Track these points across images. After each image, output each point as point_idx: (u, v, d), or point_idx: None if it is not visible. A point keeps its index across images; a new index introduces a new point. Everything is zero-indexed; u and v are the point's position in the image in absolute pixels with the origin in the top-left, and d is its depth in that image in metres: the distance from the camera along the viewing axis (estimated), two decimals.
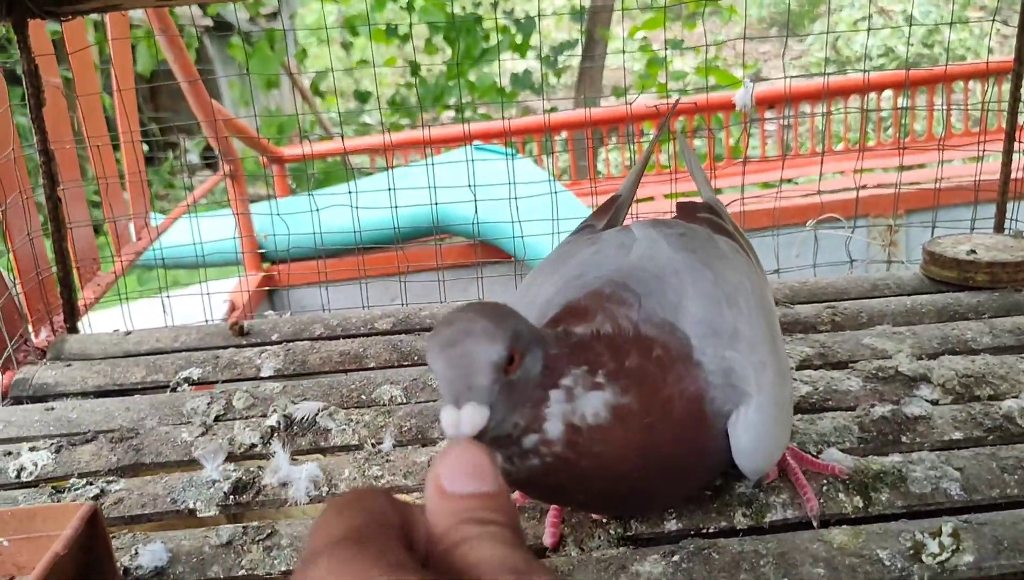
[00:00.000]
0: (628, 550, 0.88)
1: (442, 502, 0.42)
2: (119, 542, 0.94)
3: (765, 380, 0.80)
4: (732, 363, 0.79)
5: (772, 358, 0.82)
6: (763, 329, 0.83)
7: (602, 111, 4.05)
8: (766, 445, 0.80)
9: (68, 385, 1.33)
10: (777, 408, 0.80)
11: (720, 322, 0.80)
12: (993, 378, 1.12)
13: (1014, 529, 0.85)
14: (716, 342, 0.79)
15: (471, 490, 0.42)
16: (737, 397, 0.79)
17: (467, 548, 0.39)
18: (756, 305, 0.85)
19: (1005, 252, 1.44)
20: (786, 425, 0.84)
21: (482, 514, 0.41)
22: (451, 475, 0.42)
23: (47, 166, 1.50)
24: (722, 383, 0.78)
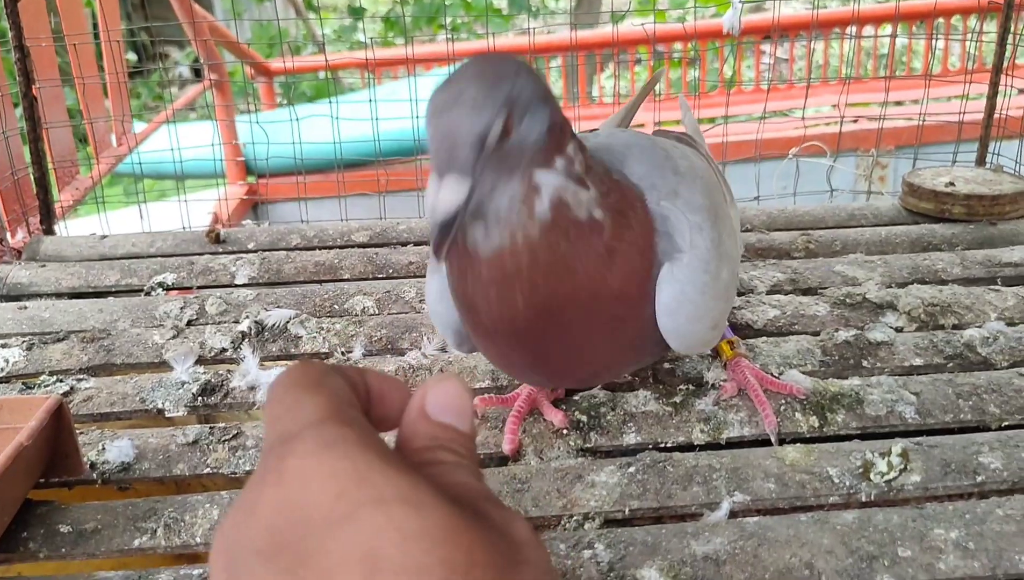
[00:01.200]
0: (586, 460, 0.90)
1: (421, 423, 0.43)
2: (87, 438, 0.96)
3: (699, 239, 0.78)
4: (668, 212, 0.77)
5: (711, 227, 0.79)
6: (705, 203, 0.81)
7: (590, 35, 3.98)
8: (687, 308, 0.77)
9: (42, 285, 1.33)
10: (707, 274, 0.78)
11: (660, 181, 0.79)
12: (959, 307, 1.13)
13: (962, 452, 0.87)
14: (654, 192, 0.77)
15: (451, 422, 0.43)
16: (670, 248, 0.76)
17: (442, 470, 0.41)
18: (704, 185, 0.83)
19: (983, 185, 1.44)
20: (715, 299, 0.80)
21: (458, 447, 0.42)
22: (436, 403, 0.43)
23: (22, 63, 1.48)
24: (661, 230, 0.76)
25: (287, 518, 0.35)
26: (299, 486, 0.35)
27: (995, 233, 1.38)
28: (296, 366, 0.43)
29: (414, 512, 0.34)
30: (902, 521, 0.79)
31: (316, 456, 0.36)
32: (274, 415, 0.40)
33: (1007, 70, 1.59)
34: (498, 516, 0.39)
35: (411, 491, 0.35)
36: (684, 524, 0.81)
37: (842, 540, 0.77)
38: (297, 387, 0.41)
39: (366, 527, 0.34)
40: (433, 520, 0.34)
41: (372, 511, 0.34)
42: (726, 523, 0.81)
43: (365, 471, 0.35)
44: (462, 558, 0.34)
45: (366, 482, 0.35)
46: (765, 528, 0.79)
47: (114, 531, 0.83)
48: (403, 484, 0.35)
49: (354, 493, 0.35)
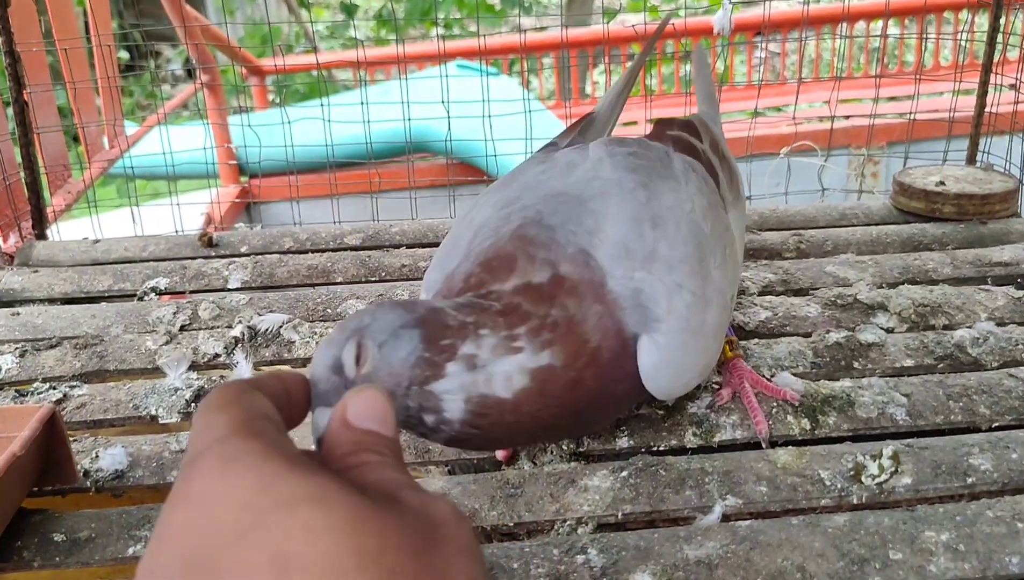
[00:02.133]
0: (579, 465, 0.90)
1: (344, 430, 0.44)
2: (80, 445, 0.96)
3: (678, 302, 0.78)
4: (641, 284, 0.77)
5: (691, 280, 0.80)
6: (688, 250, 0.81)
7: (581, 32, 3.98)
8: (667, 371, 0.78)
9: (34, 291, 1.33)
10: (687, 333, 0.79)
11: (637, 243, 0.79)
12: (949, 308, 1.14)
13: (953, 454, 0.87)
14: (628, 263, 0.77)
15: (372, 428, 0.44)
16: (645, 320, 0.77)
17: (366, 470, 0.41)
18: (688, 228, 0.83)
19: (974, 184, 1.45)
20: (700, 350, 0.81)
21: (381, 449, 0.43)
22: (357, 411, 0.44)
23: (13, 68, 1.48)
24: (631, 306, 0.76)
25: (196, 539, 0.35)
26: (204, 505, 0.35)
27: (985, 232, 1.39)
28: (216, 388, 0.44)
29: (320, 508, 0.34)
30: (893, 523, 0.79)
31: (219, 472, 0.36)
32: (190, 439, 0.40)
33: (997, 67, 1.60)
34: (415, 500, 0.39)
35: (316, 489, 0.35)
36: (677, 528, 0.82)
37: (833, 543, 0.77)
38: (210, 409, 0.41)
39: (273, 531, 0.34)
40: (340, 512, 0.34)
41: (277, 514, 0.34)
42: (718, 527, 0.81)
43: (269, 478, 0.36)
44: (373, 544, 0.34)
45: (270, 488, 0.35)
46: (757, 532, 0.79)
47: (108, 539, 0.83)
48: (308, 484, 0.35)
49: (258, 501, 0.35)
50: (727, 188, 0.98)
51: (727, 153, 1.04)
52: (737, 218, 0.98)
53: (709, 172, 0.95)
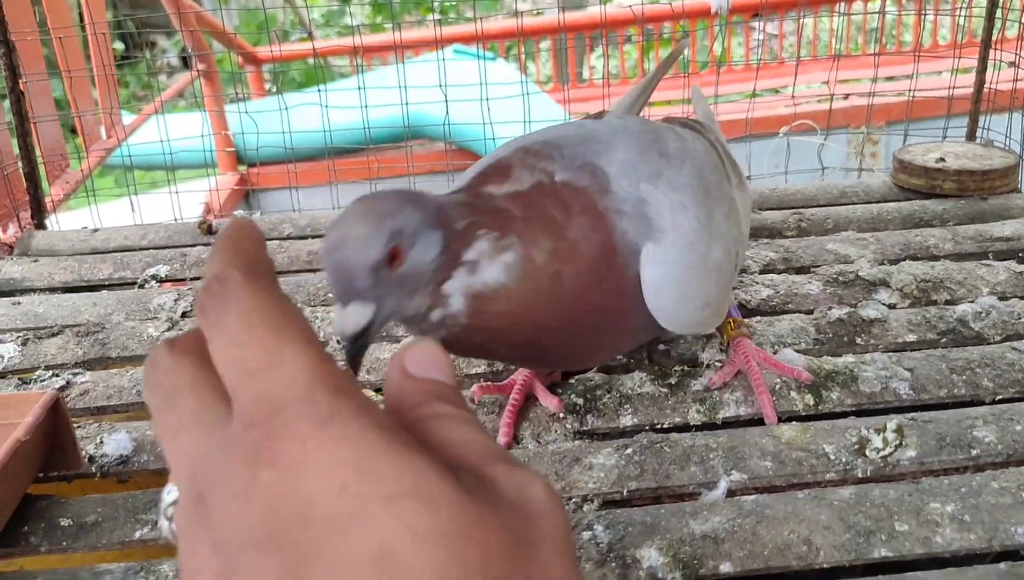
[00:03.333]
0: (583, 443, 0.90)
1: (406, 382, 0.41)
2: (84, 431, 0.96)
3: (683, 220, 0.78)
4: (646, 194, 0.77)
5: (697, 206, 0.80)
6: (693, 183, 0.81)
7: (579, 16, 3.96)
8: (672, 288, 0.77)
9: (35, 280, 1.33)
10: (692, 252, 0.78)
11: (642, 164, 0.79)
12: (951, 283, 1.14)
13: (957, 426, 0.87)
14: (633, 177, 0.77)
15: (435, 377, 0.41)
16: (649, 231, 0.76)
17: (442, 424, 0.38)
18: (693, 166, 0.83)
19: (974, 160, 1.45)
20: (705, 279, 0.80)
21: (450, 397, 0.40)
22: (416, 362, 0.41)
23: (8, 58, 1.47)
24: (632, 212, 0.76)
25: (286, 510, 0.32)
26: (297, 474, 0.33)
27: (986, 208, 1.39)
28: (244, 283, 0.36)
29: (425, 510, 0.32)
30: (898, 496, 0.79)
31: (314, 438, 0.33)
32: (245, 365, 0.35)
33: (996, 43, 1.59)
34: (511, 483, 0.36)
35: (419, 481, 0.33)
36: (682, 504, 0.82)
37: (839, 516, 0.77)
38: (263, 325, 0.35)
39: (376, 527, 0.32)
40: (445, 516, 0.32)
41: (381, 509, 0.32)
42: (724, 502, 0.81)
43: (367, 455, 0.33)
44: (477, 554, 0.32)
45: (370, 473, 0.33)
46: (763, 506, 0.79)
47: (115, 523, 0.84)
48: (409, 473, 0.33)
49: (358, 486, 0.32)
50: (732, 172, 0.98)
51: (731, 154, 1.04)
52: (741, 200, 0.98)
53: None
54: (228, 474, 0.34)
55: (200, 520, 0.34)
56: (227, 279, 0.36)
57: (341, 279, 0.65)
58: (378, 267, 0.65)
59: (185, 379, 0.37)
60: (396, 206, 0.68)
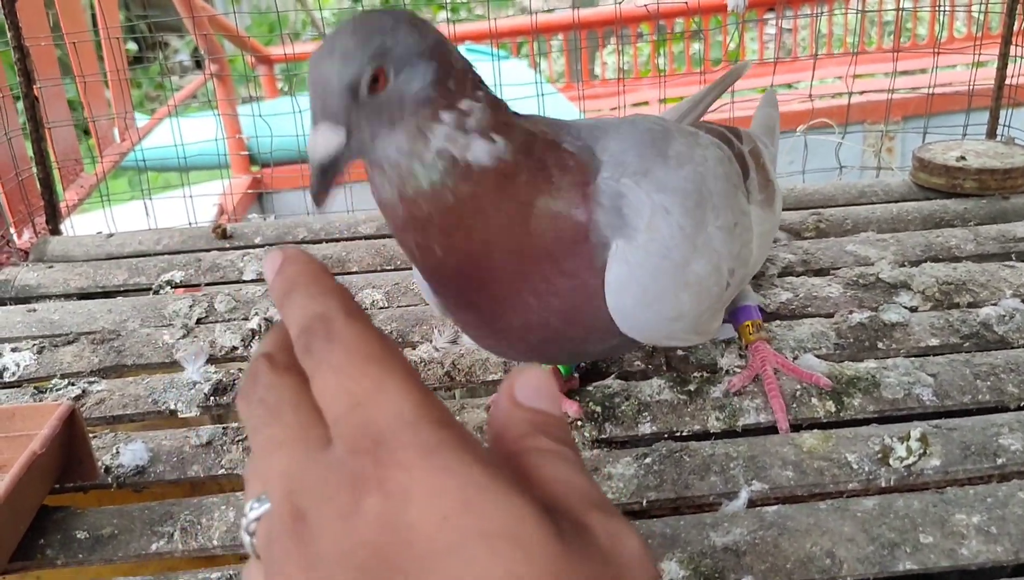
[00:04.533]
0: (602, 452, 0.89)
1: (514, 410, 0.41)
2: (100, 441, 0.96)
3: (662, 223, 0.74)
4: (626, 190, 0.73)
5: (683, 213, 0.75)
6: (686, 188, 0.77)
7: (592, 13, 3.95)
8: (633, 291, 0.73)
9: (50, 287, 1.33)
10: (665, 260, 0.74)
11: (633, 158, 0.75)
12: (973, 285, 1.12)
13: (982, 434, 0.86)
14: (618, 169, 0.74)
15: (543, 407, 0.41)
16: (622, 227, 0.73)
17: (543, 460, 0.39)
18: (693, 172, 0.79)
19: (995, 159, 1.43)
20: (677, 288, 0.76)
21: (557, 432, 0.41)
22: (526, 389, 0.41)
23: (22, 64, 1.47)
24: (608, 205, 0.72)
25: (388, 535, 0.33)
26: (403, 502, 0.33)
27: (1008, 207, 1.37)
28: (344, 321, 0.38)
29: (521, 554, 0.33)
30: (923, 506, 0.78)
31: (420, 468, 0.34)
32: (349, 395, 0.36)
33: (1016, 37, 1.57)
34: (605, 533, 0.36)
35: (517, 523, 0.33)
36: (703, 515, 0.81)
37: (863, 527, 0.76)
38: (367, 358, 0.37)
39: (473, 564, 0.32)
40: (540, 563, 0.33)
41: (478, 546, 0.32)
42: (745, 512, 0.80)
43: (470, 491, 0.34)
44: None
45: (472, 507, 0.33)
46: (785, 517, 0.78)
47: (131, 536, 0.83)
48: (508, 514, 0.33)
49: (459, 519, 0.33)
50: (756, 187, 0.94)
51: (768, 165, 0.99)
52: (762, 218, 0.94)
53: (739, 164, 0.91)
54: (332, 495, 0.35)
55: (297, 537, 0.35)
56: (331, 319, 0.38)
57: (317, 95, 0.62)
58: (355, 86, 0.61)
59: (290, 397, 0.39)
60: (391, 24, 0.63)
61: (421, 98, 0.64)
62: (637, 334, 0.78)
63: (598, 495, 0.38)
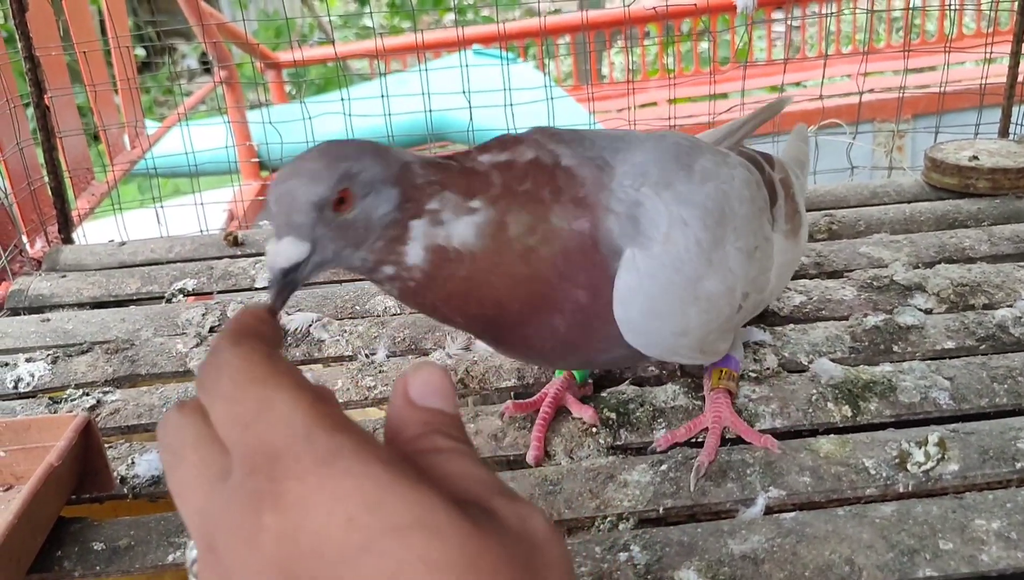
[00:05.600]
0: (617, 459, 0.89)
1: (408, 410, 0.41)
2: (116, 452, 0.96)
3: (678, 235, 0.73)
4: (643, 198, 0.72)
5: (702, 228, 0.74)
6: (708, 205, 0.76)
7: (600, 14, 3.94)
8: (641, 301, 0.73)
9: (64, 296, 1.33)
10: (678, 273, 0.73)
11: (655, 170, 0.74)
12: (989, 287, 1.11)
13: (1000, 438, 0.85)
14: (640, 179, 0.73)
15: (437, 406, 0.42)
16: (635, 235, 0.72)
17: (442, 458, 0.39)
18: (716, 191, 0.78)
19: (1008, 158, 1.42)
20: (686, 303, 0.75)
21: (452, 431, 0.41)
22: (420, 388, 0.42)
23: (33, 73, 1.48)
24: (623, 213, 0.72)
25: (296, 549, 0.33)
26: (301, 512, 0.34)
27: (1022, 207, 1.36)
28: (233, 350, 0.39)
29: (434, 540, 0.33)
30: (942, 512, 0.78)
31: (315, 475, 0.34)
32: (239, 420, 0.37)
33: None
34: (513, 514, 0.37)
35: (426, 513, 0.34)
36: (720, 522, 0.80)
37: (882, 534, 0.76)
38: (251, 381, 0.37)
39: (387, 559, 0.32)
40: (454, 545, 0.33)
41: (389, 540, 0.33)
42: (762, 520, 0.80)
43: (372, 490, 0.34)
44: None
45: (377, 505, 0.33)
46: (803, 524, 0.78)
47: (148, 547, 0.83)
48: (416, 505, 0.34)
49: (366, 519, 0.33)
50: (783, 216, 0.92)
51: (798, 196, 0.98)
52: (786, 248, 0.92)
53: (768, 190, 0.90)
54: (234, 522, 0.35)
55: (213, 569, 0.35)
56: (219, 350, 0.39)
57: (282, 211, 0.63)
58: (322, 205, 0.63)
59: (189, 437, 0.39)
60: (356, 152, 0.65)
61: (388, 221, 0.67)
62: (641, 346, 0.77)
63: (499, 483, 0.39)
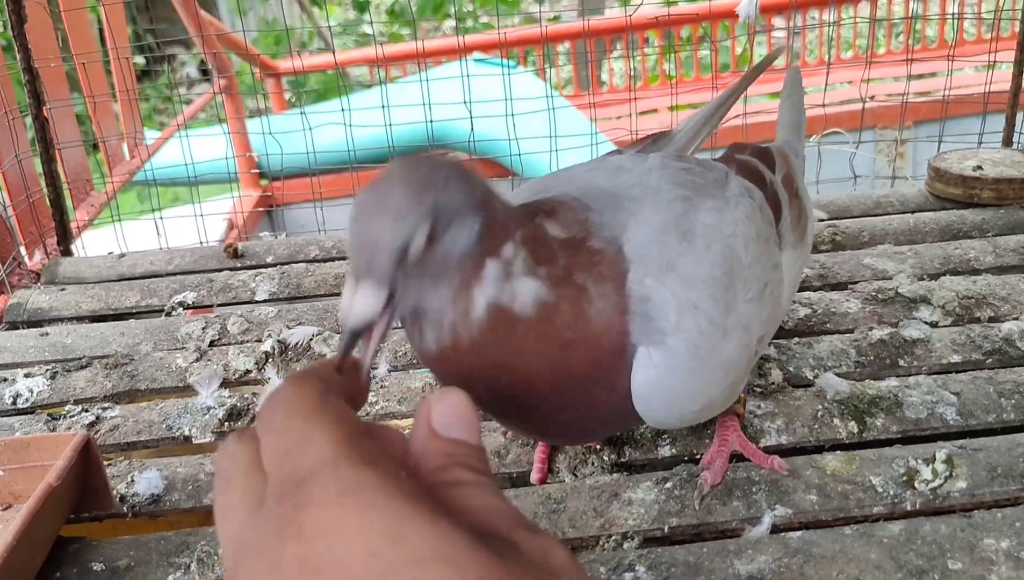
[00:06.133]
0: (621, 476, 0.88)
1: (431, 441, 0.42)
2: (115, 469, 0.95)
3: (689, 322, 0.71)
4: (650, 292, 0.70)
5: (710, 304, 0.72)
6: (715, 274, 0.74)
7: (601, 21, 3.94)
8: (662, 395, 0.71)
9: (62, 309, 1.33)
10: (694, 360, 0.71)
11: (655, 251, 0.72)
12: (994, 299, 1.11)
13: (1008, 455, 0.85)
14: (642, 268, 0.71)
15: (460, 437, 0.42)
16: (649, 331, 0.70)
17: (464, 491, 0.39)
18: (721, 252, 0.75)
19: (1012, 168, 1.41)
20: (706, 382, 0.74)
21: (474, 463, 0.41)
22: (443, 418, 0.42)
23: (32, 85, 1.47)
24: (637, 310, 0.69)
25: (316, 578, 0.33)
26: (324, 542, 0.34)
27: None
28: (291, 387, 0.42)
29: (455, 572, 0.33)
30: (950, 531, 0.77)
31: (339, 507, 0.34)
32: (281, 449, 0.38)
33: None
34: (533, 546, 0.37)
35: (446, 546, 0.33)
36: (726, 541, 0.79)
37: (890, 554, 0.75)
38: (299, 415, 0.39)
39: None
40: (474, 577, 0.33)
41: (410, 572, 0.32)
42: (768, 539, 0.79)
43: (394, 523, 0.34)
44: None
45: (398, 538, 0.33)
46: (809, 543, 0.77)
47: (147, 567, 0.82)
48: (436, 538, 0.34)
49: (387, 552, 0.33)
50: (789, 227, 0.90)
51: (802, 191, 0.96)
52: (794, 259, 0.90)
53: (772, 205, 0.88)
54: (260, 547, 0.35)
55: None
56: (280, 386, 0.42)
57: (363, 253, 0.57)
58: (407, 247, 0.58)
59: (240, 465, 0.40)
60: (443, 178, 0.60)
61: (466, 253, 0.63)
62: (663, 425, 0.79)
63: (520, 516, 0.39)
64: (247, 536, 0.37)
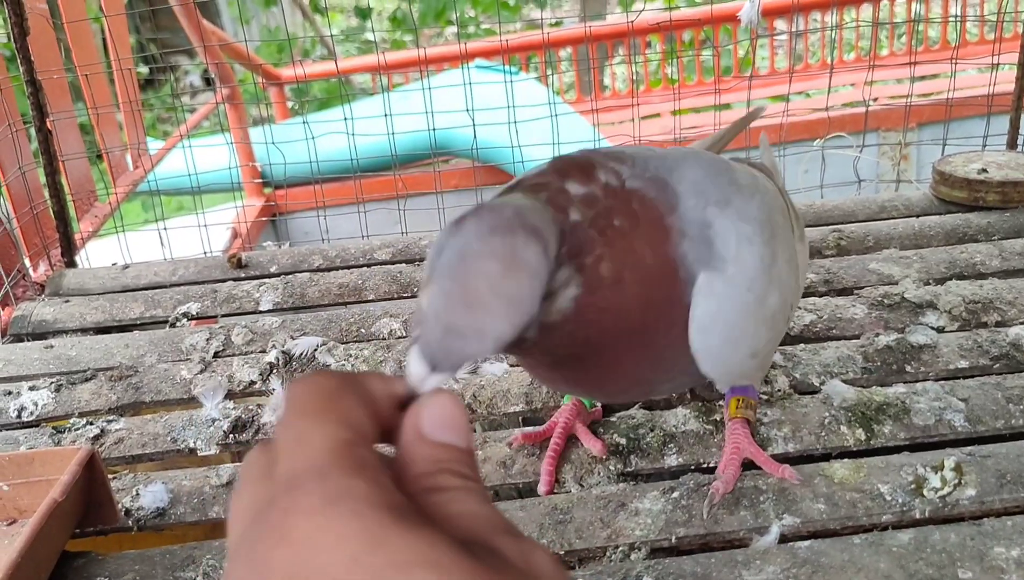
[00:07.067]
0: (628, 486, 0.88)
1: (419, 445, 0.41)
2: (120, 483, 0.95)
3: (747, 253, 0.71)
4: (711, 218, 0.70)
5: (763, 242, 0.73)
6: (761, 217, 0.74)
7: (603, 26, 3.93)
8: (721, 328, 0.70)
9: (67, 321, 1.33)
10: (750, 293, 0.71)
11: (712, 188, 0.72)
12: (1001, 303, 1.10)
13: (1018, 462, 0.84)
14: (701, 198, 0.71)
15: (449, 441, 0.41)
16: (709, 257, 0.69)
17: (448, 497, 0.39)
18: (762, 202, 0.76)
19: (1017, 171, 1.41)
20: (758, 324, 0.73)
21: (461, 468, 0.40)
22: (433, 421, 0.41)
23: (35, 98, 1.47)
24: (697, 234, 0.69)
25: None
26: (308, 549, 0.34)
27: None
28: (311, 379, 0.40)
29: (438, 576, 0.33)
30: (960, 540, 0.76)
31: (323, 515, 0.34)
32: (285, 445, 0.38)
33: None
34: (516, 552, 0.37)
35: (430, 551, 0.33)
36: (734, 552, 0.79)
37: (899, 563, 0.74)
38: (305, 413, 0.39)
39: None
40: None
41: (392, 576, 0.33)
42: (777, 549, 0.78)
43: (377, 531, 0.34)
44: None
45: (381, 544, 0.33)
46: (818, 553, 0.77)
47: None
48: (420, 544, 0.34)
49: (369, 558, 0.33)
50: (795, 221, 0.91)
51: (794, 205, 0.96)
52: (801, 251, 0.90)
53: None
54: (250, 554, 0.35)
55: None
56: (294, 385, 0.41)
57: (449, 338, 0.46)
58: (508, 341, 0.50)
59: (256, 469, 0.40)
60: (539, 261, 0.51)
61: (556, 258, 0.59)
62: (714, 372, 0.74)
63: (504, 522, 0.39)
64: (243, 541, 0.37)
